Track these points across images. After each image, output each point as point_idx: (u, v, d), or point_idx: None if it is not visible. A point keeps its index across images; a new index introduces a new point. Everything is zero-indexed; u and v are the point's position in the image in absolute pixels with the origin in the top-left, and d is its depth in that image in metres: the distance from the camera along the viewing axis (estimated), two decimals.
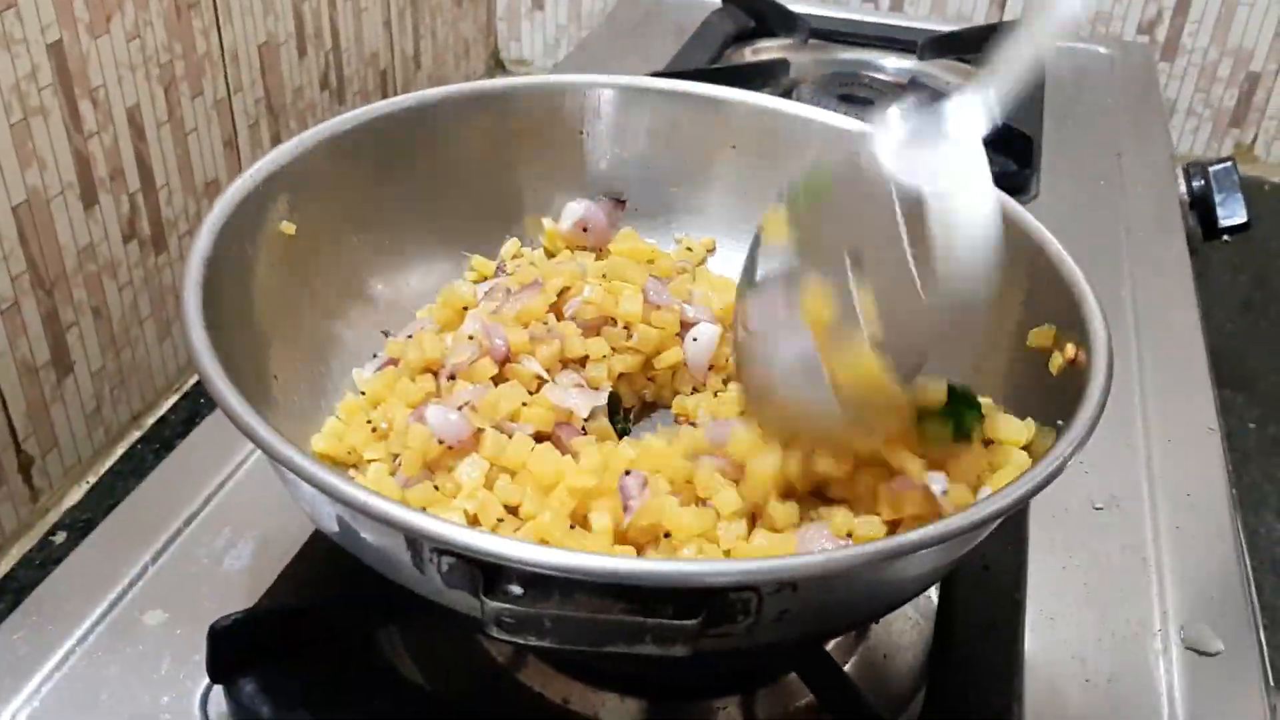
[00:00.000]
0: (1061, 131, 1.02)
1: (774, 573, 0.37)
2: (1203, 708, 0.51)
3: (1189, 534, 0.60)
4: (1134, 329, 0.76)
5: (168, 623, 0.52)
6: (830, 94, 1.02)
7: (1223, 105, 1.54)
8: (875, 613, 0.49)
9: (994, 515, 0.39)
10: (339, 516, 0.43)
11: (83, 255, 0.90)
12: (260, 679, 0.48)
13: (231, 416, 0.41)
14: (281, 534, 0.56)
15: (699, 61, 1.06)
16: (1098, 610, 0.55)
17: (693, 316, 0.58)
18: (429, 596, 0.41)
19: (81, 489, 0.93)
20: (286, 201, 0.54)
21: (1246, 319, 1.29)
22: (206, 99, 1.02)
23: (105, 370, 0.95)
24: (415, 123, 0.60)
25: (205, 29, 1.01)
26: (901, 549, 0.37)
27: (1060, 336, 0.50)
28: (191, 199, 1.02)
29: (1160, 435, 0.67)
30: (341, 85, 1.27)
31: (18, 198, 0.82)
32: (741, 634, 0.39)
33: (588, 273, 0.58)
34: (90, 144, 0.89)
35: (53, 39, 0.83)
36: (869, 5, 1.51)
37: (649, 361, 0.57)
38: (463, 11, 1.57)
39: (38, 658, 0.50)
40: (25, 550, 0.86)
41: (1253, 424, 1.13)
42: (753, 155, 0.65)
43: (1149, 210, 0.93)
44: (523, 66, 1.74)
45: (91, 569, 0.54)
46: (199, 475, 0.60)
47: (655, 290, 0.57)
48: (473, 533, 0.37)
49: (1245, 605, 0.56)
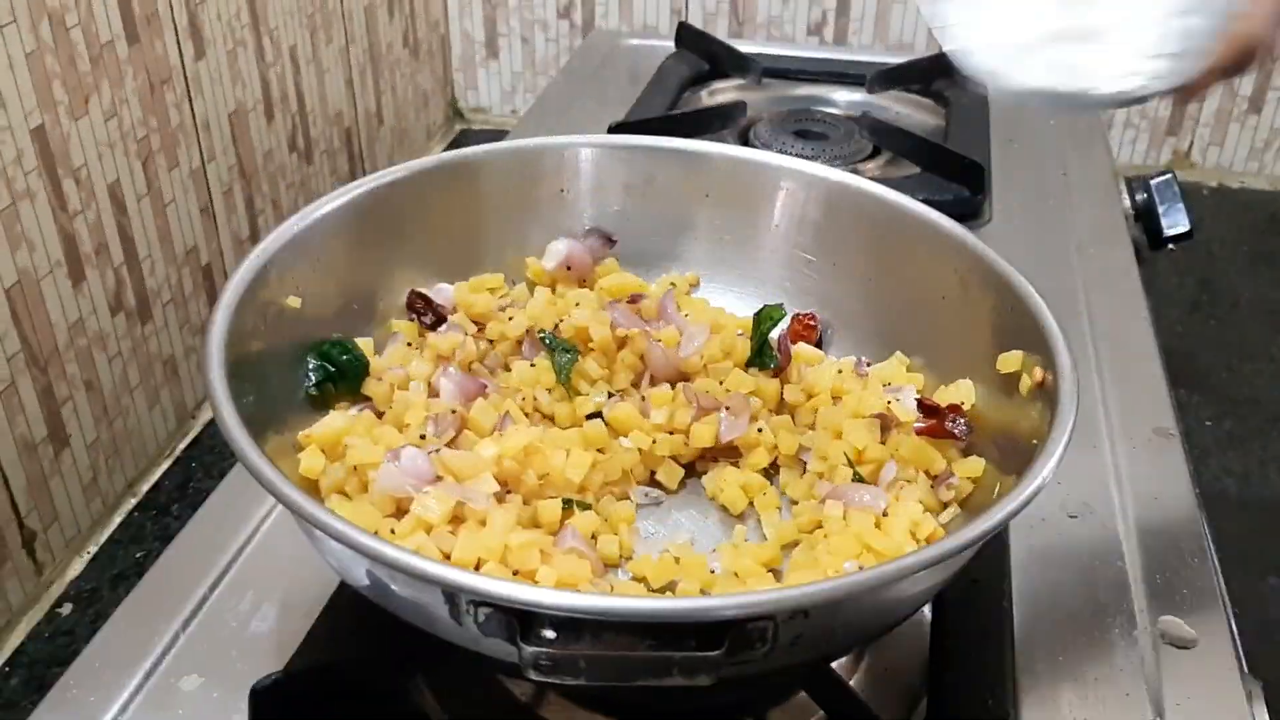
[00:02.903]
0: (1009, 156, 1.06)
1: (787, 602, 0.40)
2: (1185, 697, 0.54)
3: (1158, 534, 0.64)
4: (1091, 341, 0.80)
5: (204, 686, 0.54)
6: (786, 130, 1.06)
7: (1158, 115, 1.61)
8: (879, 631, 0.52)
9: (985, 534, 0.42)
10: (370, 572, 0.45)
11: (73, 330, 0.92)
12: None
13: (269, 488, 0.44)
14: (303, 593, 0.58)
15: (659, 107, 1.10)
16: (1080, 613, 0.59)
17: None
18: (466, 645, 0.44)
19: (83, 560, 0.94)
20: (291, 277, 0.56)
21: (1195, 320, 1.35)
22: (183, 170, 1.05)
23: (100, 441, 0.97)
24: (402, 193, 0.63)
25: (178, 101, 1.04)
26: (902, 572, 0.40)
27: (1027, 361, 0.53)
28: (173, 268, 1.04)
29: (1124, 442, 0.71)
30: (309, 145, 1.30)
31: (9, 280, 0.84)
32: (759, 660, 0.42)
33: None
34: (75, 222, 0.91)
35: (35, 124, 0.86)
36: (814, 39, 1.57)
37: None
38: (420, 64, 1.61)
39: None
40: (33, 624, 0.87)
41: (1209, 421, 1.18)
42: (726, 201, 0.68)
43: (1096, 225, 0.97)
44: (480, 114, 1.77)
45: (124, 640, 0.56)
46: (218, 542, 0.62)
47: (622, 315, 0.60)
48: (508, 584, 0.40)
49: (1216, 598, 0.60)
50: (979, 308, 0.57)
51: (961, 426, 0.55)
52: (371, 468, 0.51)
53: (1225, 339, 1.31)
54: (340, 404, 0.57)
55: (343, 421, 0.54)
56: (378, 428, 0.55)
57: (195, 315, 1.09)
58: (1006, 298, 0.56)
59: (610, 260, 0.68)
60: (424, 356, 0.60)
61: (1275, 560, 1.03)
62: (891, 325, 0.63)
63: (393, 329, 0.62)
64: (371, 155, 1.46)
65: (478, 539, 0.48)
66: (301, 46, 1.24)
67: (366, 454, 0.51)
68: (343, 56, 1.34)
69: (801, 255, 0.66)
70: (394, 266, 0.63)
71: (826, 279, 0.65)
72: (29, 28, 0.84)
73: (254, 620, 0.58)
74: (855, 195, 0.64)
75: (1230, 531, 1.08)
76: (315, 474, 0.52)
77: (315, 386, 0.56)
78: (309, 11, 1.25)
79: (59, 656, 0.85)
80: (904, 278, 0.62)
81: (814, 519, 0.54)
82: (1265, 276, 1.43)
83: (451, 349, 0.59)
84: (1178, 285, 1.39)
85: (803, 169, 0.66)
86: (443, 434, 0.54)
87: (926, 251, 0.61)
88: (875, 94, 1.16)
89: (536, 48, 1.70)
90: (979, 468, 0.54)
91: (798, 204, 0.66)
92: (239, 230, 1.16)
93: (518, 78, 1.74)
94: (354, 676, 0.54)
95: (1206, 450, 1.14)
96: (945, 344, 0.60)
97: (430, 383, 0.58)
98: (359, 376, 0.58)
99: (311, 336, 0.58)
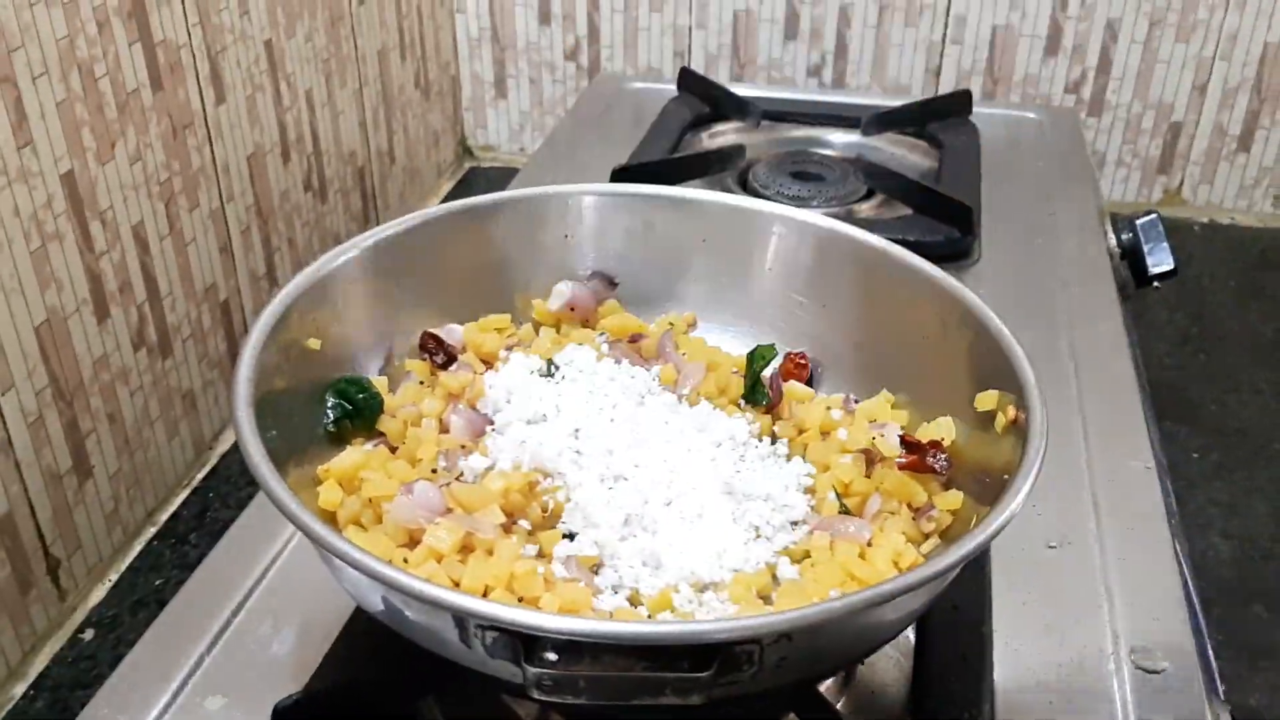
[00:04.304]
0: (998, 196, 1.10)
1: (772, 626, 0.44)
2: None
3: (1134, 564, 0.67)
4: (1074, 377, 0.83)
5: (228, 706, 0.57)
6: (784, 172, 1.10)
7: (1149, 154, 1.64)
8: (861, 654, 0.55)
9: (953, 564, 0.45)
10: (385, 598, 0.49)
11: (98, 366, 0.96)
12: None
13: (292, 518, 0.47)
14: (320, 618, 0.62)
15: (661, 149, 1.14)
16: (1056, 639, 0.62)
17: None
18: (474, 667, 0.47)
19: (104, 587, 0.98)
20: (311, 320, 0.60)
21: (1185, 353, 1.38)
22: (203, 210, 1.09)
23: (121, 472, 1.00)
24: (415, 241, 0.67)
25: (199, 145, 1.08)
26: (878, 599, 0.44)
27: (1002, 400, 0.57)
28: (193, 305, 1.08)
29: (1104, 476, 0.74)
30: (323, 185, 1.34)
31: (39, 318, 0.88)
32: (747, 681, 0.45)
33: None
34: (101, 262, 0.95)
35: (65, 169, 0.90)
36: (813, 81, 1.61)
37: None
38: (430, 104, 1.65)
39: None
40: (57, 649, 0.90)
41: (1195, 453, 1.21)
42: (722, 245, 0.72)
43: (1082, 264, 1.01)
44: (489, 152, 1.82)
45: (152, 662, 0.60)
46: (239, 569, 0.66)
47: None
48: (513, 609, 0.44)
49: (1186, 626, 0.63)
50: (958, 348, 0.61)
51: (942, 461, 0.58)
52: (386, 500, 0.54)
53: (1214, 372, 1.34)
54: (357, 439, 0.60)
55: (359, 456, 0.57)
56: (392, 462, 0.58)
57: (214, 350, 1.13)
58: (983, 338, 0.59)
59: (612, 301, 0.71)
60: (435, 394, 0.63)
61: (1259, 588, 1.06)
62: (878, 364, 0.66)
63: (406, 368, 0.65)
64: (384, 193, 1.50)
65: (485, 567, 0.51)
66: (317, 90, 1.29)
67: (381, 487, 0.55)
68: (356, 99, 1.38)
69: (794, 297, 0.69)
70: (407, 309, 0.67)
71: (817, 320, 0.69)
72: (59, 78, 0.88)
73: (274, 644, 0.61)
74: (842, 241, 0.67)
75: (1216, 560, 1.11)
76: (333, 506, 0.55)
77: (334, 423, 0.60)
78: (324, 57, 1.30)
79: (81, 680, 0.88)
80: (889, 319, 0.66)
81: (803, 548, 0.57)
82: (1254, 310, 1.47)
83: (462, 387, 0.63)
84: (1168, 320, 1.42)
85: (794, 215, 0.70)
86: (453, 468, 0.58)
87: (909, 294, 0.64)
88: (870, 136, 1.20)
89: (544, 88, 1.75)
90: (958, 500, 0.57)
91: (790, 248, 0.70)
92: (256, 268, 1.20)
93: (525, 117, 1.79)
94: (370, 697, 0.57)
95: (1193, 482, 1.17)
96: (927, 382, 0.63)
97: (441, 419, 0.62)
98: (374, 413, 0.61)
99: (330, 376, 0.61)
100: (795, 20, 1.63)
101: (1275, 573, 1.08)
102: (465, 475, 0.58)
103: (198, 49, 1.05)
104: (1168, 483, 0.77)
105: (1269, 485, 1.18)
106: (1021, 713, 0.58)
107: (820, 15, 1.62)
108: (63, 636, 0.92)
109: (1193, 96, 1.59)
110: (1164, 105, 1.60)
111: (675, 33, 1.68)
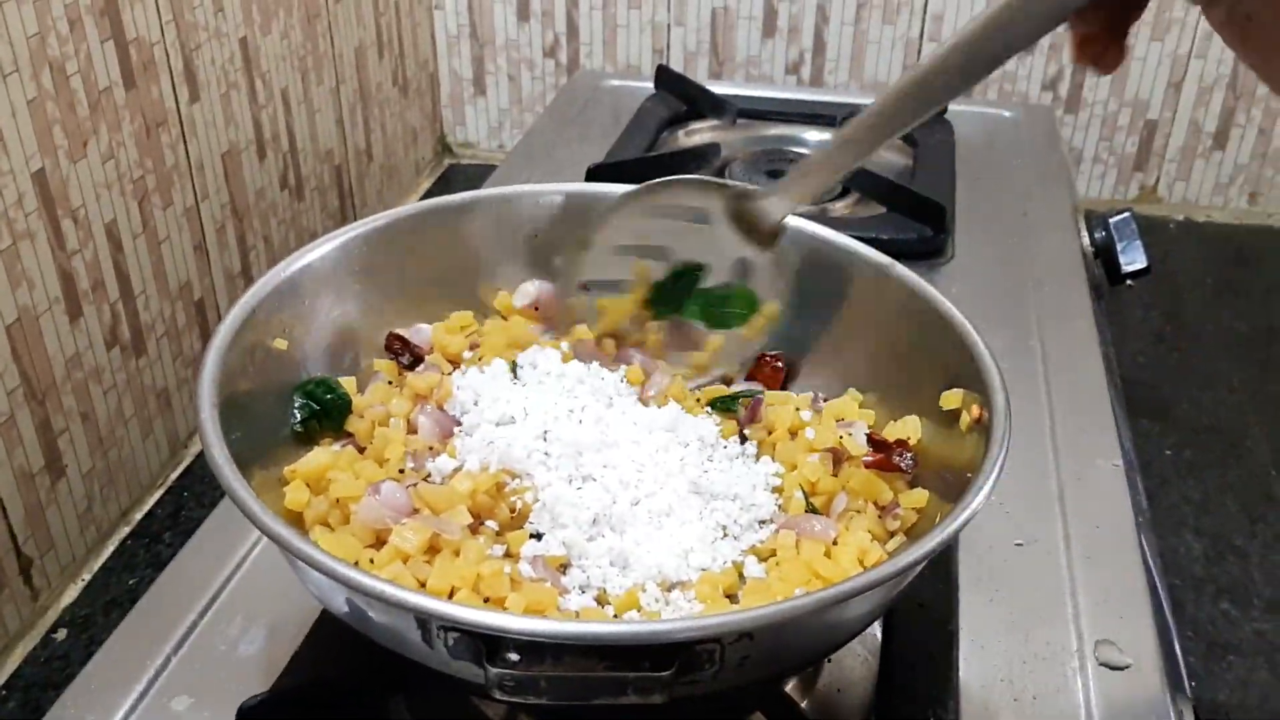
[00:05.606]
0: (973, 194, 1.10)
1: (732, 625, 0.44)
2: (1116, 717, 0.58)
3: (1099, 563, 0.68)
4: (1043, 377, 0.84)
5: (194, 706, 0.57)
6: (759, 170, 1.10)
7: (1125, 151, 1.65)
8: (825, 652, 0.56)
9: (920, 559, 0.46)
10: (349, 600, 0.49)
11: (70, 364, 0.95)
12: None
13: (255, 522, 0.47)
14: (288, 619, 0.62)
15: (638, 146, 1.14)
16: (1021, 636, 0.62)
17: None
18: (436, 667, 0.47)
19: (78, 586, 0.97)
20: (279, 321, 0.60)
21: (1158, 352, 1.39)
22: (177, 209, 1.08)
23: (95, 471, 1.00)
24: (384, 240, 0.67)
25: (173, 143, 1.07)
26: (837, 597, 0.44)
27: (967, 398, 0.57)
28: (167, 303, 1.08)
29: (1071, 474, 0.74)
30: (300, 183, 1.34)
31: (10, 317, 0.88)
32: (709, 680, 0.45)
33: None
34: (73, 260, 0.95)
35: (36, 168, 0.89)
36: (791, 78, 1.61)
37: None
38: (409, 101, 1.65)
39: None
40: (29, 649, 0.90)
41: (1168, 450, 1.22)
42: None
43: (1055, 262, 1.01)
44: (468, 149, 1.82)
45: (119, 662, 0.60)
46: (208, 569, 0.66)
47: None
48: (474, 610, 0.44)
49: (1151, 623, 0.64)
50: (924, 347, 0.61)
51: (908, 460, 0.58)
52: (353, 500, 0.54)
53: (1188, 369, 1.35)
54: (324, 440, 0.60)
55: (326, 457, 0.57)
56: (359, 463, 0.58)
57: (188, 349, 1.12)
58: (949, 337, 0.59)
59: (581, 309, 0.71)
60: (403, 395, 0.63)
61: (1228, 585, 1.07)
62: (846, 363, 0.66)
63: (374, 368, 0.65)
64: (361, 191, 1.50)
65: (452, 567, 0.51)
66: (293, 88, 1.28)
67: (348, 488, 0.55)
68: (333, 96, 1.38)
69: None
70: (376, 308, 0.67)
71: (789, 318, 0.69)
72: (30, 76, 0.88)
73: (242, 644, 0.61)
74: (810, 240, 0.68)
75: (1188, 557, 1.12)
76: (300, 506, 0.55)
77: (301, 424, 0.60)
78: (300, 54, 1.29)
79: (54, 680, 0.88)
80: (857, 317, 0.66)
81: (769, 547, 0.58)
82: (1229, 308, 1.48)
83: (429, 388, 0.63)
84: (1143, 317, 1.43)
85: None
86: (421, 469, 0.58)
87: (877, 293, 0.64)
88: None
89: (523, 85, 1.75)
90: (923, 498, 0.57)
91: None
92: (231, 266, 1.19)
93: (504, 114, 1.78)
94: (337, 698, 0.57)
95: (1166, 479, 1.17)
96: (895, 381, 0.63)
97: (409, 420, 0.62)
98: (342, 414, 0.61)
99: (297, 376, 0.61)
100: (773, 17, 1.63)
101: (1245, 570, 1.09)
102: (433, 476, 0.58)
103: (171, 46, 1.04)
104: (1139, 480, 0.78)
105: (1240, 483, 1.19)
106: (987, 709, 0.58)
107: (798, 13, 1.62)
108: (35, 636, 0.91)
109: (1168, 94, 1.60)
110: (1140, 103, 1.61)
111: (654, 30, 1.68)
